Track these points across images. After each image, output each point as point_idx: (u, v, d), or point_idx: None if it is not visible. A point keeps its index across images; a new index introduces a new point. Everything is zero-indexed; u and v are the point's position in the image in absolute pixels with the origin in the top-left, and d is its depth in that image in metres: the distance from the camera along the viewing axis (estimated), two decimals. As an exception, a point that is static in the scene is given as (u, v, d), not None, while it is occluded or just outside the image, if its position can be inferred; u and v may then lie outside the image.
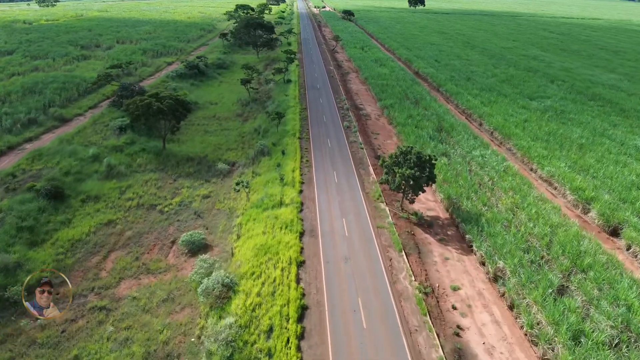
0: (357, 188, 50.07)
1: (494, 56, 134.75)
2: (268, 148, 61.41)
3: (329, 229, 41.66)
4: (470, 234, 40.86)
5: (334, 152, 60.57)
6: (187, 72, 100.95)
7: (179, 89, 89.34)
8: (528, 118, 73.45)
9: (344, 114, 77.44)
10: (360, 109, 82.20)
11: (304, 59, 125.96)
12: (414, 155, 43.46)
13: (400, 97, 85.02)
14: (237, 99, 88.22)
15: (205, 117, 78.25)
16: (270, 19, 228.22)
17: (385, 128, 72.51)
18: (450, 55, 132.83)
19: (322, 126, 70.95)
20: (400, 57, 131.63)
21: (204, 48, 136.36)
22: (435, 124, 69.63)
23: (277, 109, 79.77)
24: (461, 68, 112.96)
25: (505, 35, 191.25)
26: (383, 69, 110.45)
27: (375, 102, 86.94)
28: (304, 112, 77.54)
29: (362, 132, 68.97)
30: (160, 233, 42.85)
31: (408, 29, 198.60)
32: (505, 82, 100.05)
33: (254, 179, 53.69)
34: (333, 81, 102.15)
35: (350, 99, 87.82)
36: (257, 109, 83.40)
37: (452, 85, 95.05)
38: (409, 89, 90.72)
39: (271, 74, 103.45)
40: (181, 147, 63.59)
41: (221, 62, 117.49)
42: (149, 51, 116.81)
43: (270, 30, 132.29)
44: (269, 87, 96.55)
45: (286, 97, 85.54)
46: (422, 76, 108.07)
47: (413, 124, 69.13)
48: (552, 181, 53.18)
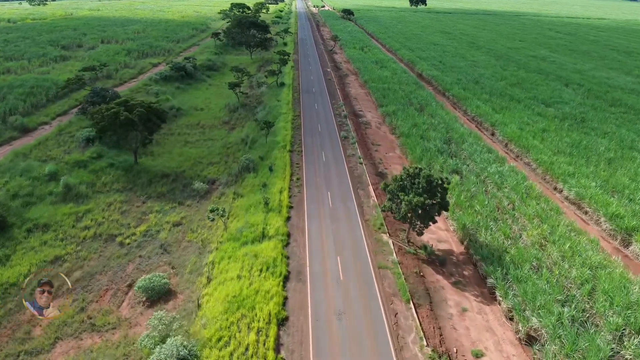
0: (355, 214, 42.61)
1: (501, 57, 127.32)
2: (254, 163, 53.96)
3: (320, 270, 34.20)
4: (492, 277, 33.42)
5: (330, 167, 53.11)
6: (173, 75, 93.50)
7: (161, 93, 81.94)
8: (546, 127, 65.97)
9: (341, 122, 69.96)
10: (360, 116, 74.77)
11: (300, 60, 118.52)
12: (423, 179, 36.02)
13: (403, 102, 77.58)
14: (225, 105, 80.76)
15: (188, 125, 70.79)
16: (267, 18, 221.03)
17: (387, 138, 65.05)
18: (455, 56, 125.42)
19: (317, 136, 63.46)
20: (402, 58, 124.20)
21: (195, 48, 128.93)
22: (443, 134, 62.18)
23: (267, 116, 72.35)
24: (468, 70, 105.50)
25: (510, 35, 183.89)
26: (384, 71, 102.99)
27: (375, 108, 79.51)
28: (297, 120, 70.07)
29: (361, 144, 61.51)
30: (117, 273, 35.37)
31: (410, 28, 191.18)
32: (516, 86, 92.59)
33: (235, 201, 46.23)
34: (330, 84, 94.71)
35: (348, 105, 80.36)
36: (246, 115, 75.96)
37: (460, 89, 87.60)
38: (412, 94, 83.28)
39: (264, 77, 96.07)
40: (156, 161, 56.14)
41: (211, 64, 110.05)
42: (133, 52, 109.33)
43: (264, 30, 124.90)
44: (260, 90, 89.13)
45: (278, 103, 78.10)
46: (427, 79, 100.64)
47: (418, 134, 61.69)
48: (582, 204, 45.71)
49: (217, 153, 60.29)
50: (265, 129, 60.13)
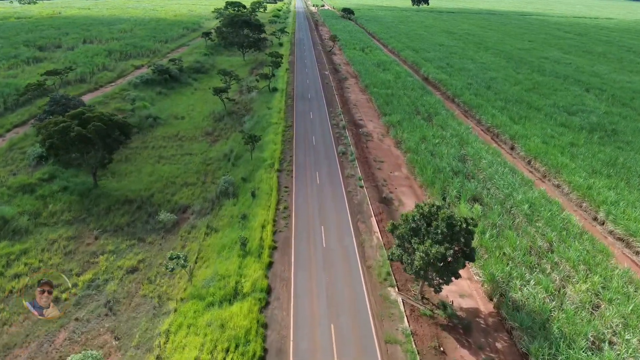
0: (354, 257, 34.20)
1: (512, 59, 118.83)
2: (234, 186, 45.56)
3: (308, 349, 25.76)
4: (536, 358, 25.02)
5: (324, 192, 44.67)
6: (155, 78, 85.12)
7: (139, 99, 73.52)
8: (574, 141, 57.53)
9: (339, 134, 61.48)
10: (360, 126, 66.35)
11: (296, 62, 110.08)
12: (442, 221, 27.61)
13: (409, 110, 69.13)
14: (210, 112, 72.39)
15: (166, 136, 62.38)
16: (264, 17, 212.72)
17: (391, 153, 56.64)
18: (462, 57, 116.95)
19: (311, 152, 55.01)
20: (406, 59, 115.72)
21: (184, 49, 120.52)
22: (456, 149, 53.75)
23: (255, 126, 63.95)
24: (478, 73, 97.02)
25: (518, 35, 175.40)
26: (387, 74, 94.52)
27: (378, 116, 71.07)
28: (289, 132, 61.58)
29: (361, 160, 53.09)
30: (42, 346, 26.98)
31: (413, 28, 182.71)
32: (532, 91, 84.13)
33: (207, 237, 37.82)
34: (328, 89, 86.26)
35: (347, 113, 71.91)
36: (233, 125, 67.54)
37: (471, 95, 79.15)
38: (419, 100, 74.83)
39: (255, 81, 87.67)
40: (121, 182, 47.75)
41: (199, 66, 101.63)
42: (115, 52, 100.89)
43: (258, 29, 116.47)
44: (250, 96, 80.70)
45: (269, 111, 69.66)
46: (433, 83, 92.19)
47: (428, 149, 53.27)
48: (633, 243, 37.29)
49: (195, 171, 51.91)
50: (250, 143, 51.70)
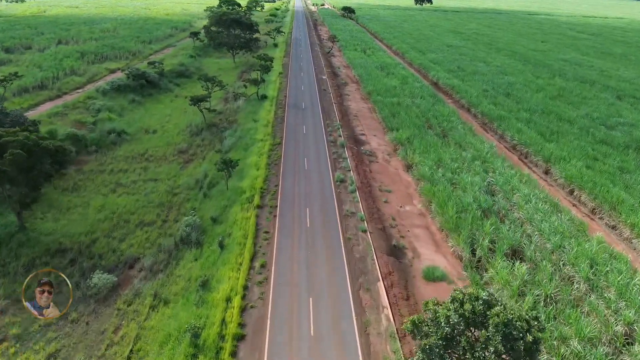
0: (355, 356, 23.82)
1: (529, 61, 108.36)
2: (200, 230, 35.31)
3: None
4: None
5: (316, 240, 34.30)
6: (130, 84, 74.89)
7: (105, 109, 63.32)
8: (623, 164, 47.09)
9: (337, 155, 51.11)
10: (362, 143, 56.10)
11: (291, 65, 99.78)
12: (497, 331, 17.30)
13: (419, 124, 58.76)
14: (187, 125, 62.16)
15: (130, 156, 52.19)
16: (261, 16, 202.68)
17: (400, 179, 46.32)
18: (473, 60, 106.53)
19: (301, 179, 44.64)
20: (412, 62, 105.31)
21: (169, 50, 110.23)
22: (481, 176, 43.33)
23: (237, 143, 53.72)
24: (494, 78, 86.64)
25: (529, 35, 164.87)
26: (392, 79, 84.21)
27: (383, 130, 60.81)
28: (276, 151, 51.22)
29: (364, 190, 42.76)
30: None
31: (417, 27, 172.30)
32: (559, 99, 73.72)
33: (151, 315, 27.50)
34: (325, 97, 75.91)
35: (347, 126, 61.57)
36: (212, 141, 57.31)
37: (489, 104, 68.78)
38: (430, 111, 64.48)
39: (242, 87, 77.43)
40: (59, 222, 37.56)
41: (183, 69, 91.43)
42: (89, 54, 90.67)
43: (249, 29, 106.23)
44: (236, 105, 70.42)
45: (254, 124, 59.39)
46: (444, 89, 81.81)
47: (446, 177, 42.90)
48: None
49: (157, 204, 41.70)
50: (225, 169, 41.37)
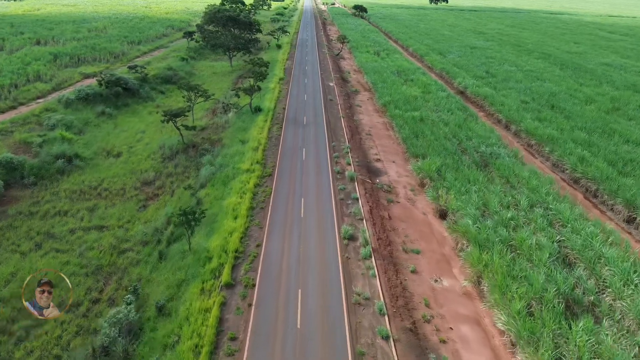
0: None
1: (566, 65, 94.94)
2: (132, 333, 23.34)
3: None
4: None
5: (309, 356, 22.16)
6: (102, 92, 63.52)
7: (64, 124, 51.90)
8: None
9: (345, 193, 38.81)
10: (377, 172, 43.83)
11: (294, 70, 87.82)
12: None
13: (450, 148, 46.18)
14: (161, 145, 50.42)
15: (77, 190, 40.55)
16: (267, 15, 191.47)
17: (431, 231, 34.00)
18: (502, 63, 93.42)
19: (295, 236, 32.37)
20: (433, 66, 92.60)
21: (160, 52, 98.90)
22: (549, 235, 30.72)
23: (216, 174, 41.76)
24: (530, 85, 73.66)
25: (558, 36, 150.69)
26: (411, 87, 71.73)
27: (403, 153, 48.52)
28: (264, 188, 39.03)
29: (382, 253, 30.46)
30: None
31: (434, 27, 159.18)
32: (616, 113, 60.61)
33: None
34: (332, 110, 63.72)
35: (358, 148, 49.27)
36: (187, 168, 45.47)
37: (533, 119, 56.01)
38: (462, 130, 51.94)
39: (235, 96, 65.57)
40: (-59, 303, 25.97)
41: (170, 74, 79.93)
42: (64, 57, 79.66)
43: (248, 28, 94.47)
44: (225, 119, 58.62)
45: (242, 146, 47.37)
46: (474, 100, 69.09)
47: (499, 236, 30.30)
48: None
49: (94, 269, 30.05)
50: (185, 225, 29.38)
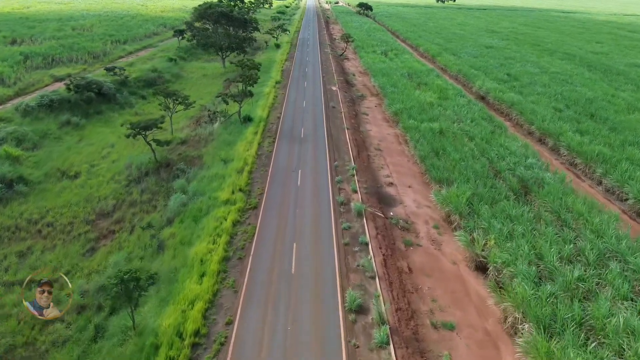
0: None
1: (594, 66, 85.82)
2: None
3: None
4: None
5: None
6: (70, 98, 55.29)
7: (13, 138, 43.55)
8: None
9: (351, 232, 30.04)
10: (390, 200, 35.08)
11: (293, 72, 79.25)
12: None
13: (480, 170, 37.20)
14: (129, 164, 41.89)
15: (10, 227, 32.10)
16: (268, 14, 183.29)
17: (466, 294, 25.21)
18: (524, 64, 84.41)
19: (280, 305, 23.60)
20: (447, 67, 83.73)
21: (147, 51, 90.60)
22: (637, 307, 21.94)
23: (187, 206, 33.13)
24: (560, 90, 64.57)
25: (577, 35, 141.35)
26: (425, 92, 62.94)
27: (421, 175, 39.79)
28: (247, 225, 30.33)
29: (403, 336, 21.74)
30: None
31: (444, 25, 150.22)
32: (669, 125, 51.64)
33: None
34: (334, 118, 55.01)
35: (366, 169, 40.49)
36: (156, 194, 36.92)
37: (573, 132, 47.03)
38: (491, 146, 43.03)
39: (222, 102, 56.96)
40: None
41: (155, 77, 71.58)
42: (37, 57, 71.46)
43: (242, 26, 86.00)
44: (209, 130, 50.07)
45: (224, 167, 38.73)
46: (497, 106, 60.21)
47: (566, 305, 21.59)
48: None
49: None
50: (123, 299, 20.66)
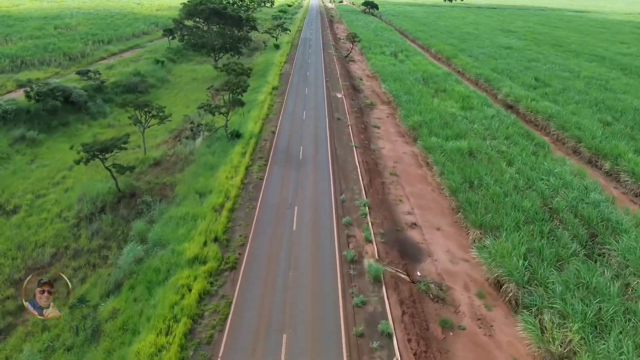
0: None
1: (628, 69, 77.04)
2: None
3: None
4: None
5: None
6: (31, 108, 47.25)
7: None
8: None
9: (365, 312, 21.53)
10: (414, 253, 26.52)
11: (293, 76, 70.84)
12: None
13: (530, 209, 28.61)
14: (84, 193, 33.61)
15: None
16: (270, 13, 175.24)
17: None
18: (550, 67, 75.67)
19: None
20: (465, 71, 75.06)
21: (132, 52, 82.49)
22: None
23: (143, 265, 24.72)
24: (603, 98, 55.84)
25: (597, 35, 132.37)
26: (445, 100, 54.40)
27: (448, 210, 31.26)
28: (220, 299, 21.96)
29: None
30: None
31: (456, 25, 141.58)
32: None
33: None
34: (340, 134, 46.40)
35: (380, 205, 31.90)
36: (110, 239, 28.60)
37: (632, 152, 38.46)
38: (537, 172, 34.39)
39: (209, 115, 48.50)
40: None
41: (137, 81, 63.43)
42: (3, 59, 63.46)
43: (237, 24, 77.84)
44: (190, 148, 41.75)
45: (199, 205, 30.29)
46: (529, 117, 51.53)
47: None
48: None
49: None
50: None
